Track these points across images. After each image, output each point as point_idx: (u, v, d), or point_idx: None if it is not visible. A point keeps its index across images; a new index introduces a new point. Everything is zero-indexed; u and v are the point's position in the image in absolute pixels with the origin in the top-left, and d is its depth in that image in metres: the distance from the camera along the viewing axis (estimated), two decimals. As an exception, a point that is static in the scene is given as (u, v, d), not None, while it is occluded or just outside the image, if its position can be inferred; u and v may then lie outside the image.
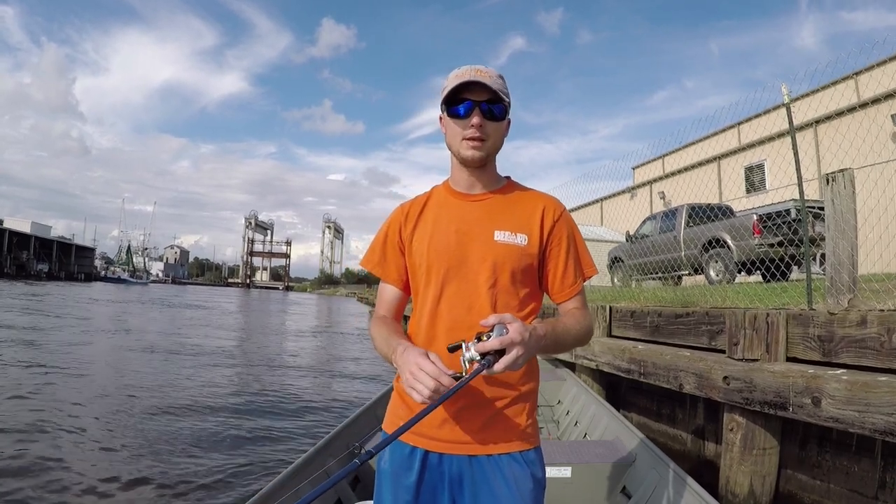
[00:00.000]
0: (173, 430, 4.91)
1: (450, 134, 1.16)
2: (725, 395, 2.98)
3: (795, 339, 2.88)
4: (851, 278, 2.92)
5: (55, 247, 73.45)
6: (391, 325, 1.20)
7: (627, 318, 4.69)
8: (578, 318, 1.18)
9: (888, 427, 2.11)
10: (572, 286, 1.20)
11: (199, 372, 8.04)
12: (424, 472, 1.12)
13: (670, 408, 4.08)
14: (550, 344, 1.06)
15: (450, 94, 1.11)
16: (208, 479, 3.79)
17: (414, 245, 1.21)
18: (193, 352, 10.11)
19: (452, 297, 1.14)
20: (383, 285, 1.26)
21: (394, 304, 1.26)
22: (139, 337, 11.96)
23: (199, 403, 6.01)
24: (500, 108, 1.12)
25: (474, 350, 0.93)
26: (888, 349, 2.38)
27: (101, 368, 7.75)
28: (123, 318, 16.98)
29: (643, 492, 2.36)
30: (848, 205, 3.02)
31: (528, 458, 1.14)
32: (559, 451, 2.67)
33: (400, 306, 1.27)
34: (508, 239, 1.15)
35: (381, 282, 1.27)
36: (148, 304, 25.87)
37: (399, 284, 1.24)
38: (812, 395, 2.45)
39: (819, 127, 13.13)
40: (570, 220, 1.22)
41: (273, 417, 5.71)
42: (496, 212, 1.18)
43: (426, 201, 1.25)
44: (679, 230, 8.59)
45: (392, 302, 1.26)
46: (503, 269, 1.14)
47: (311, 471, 2.31)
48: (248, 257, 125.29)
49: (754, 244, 7.00)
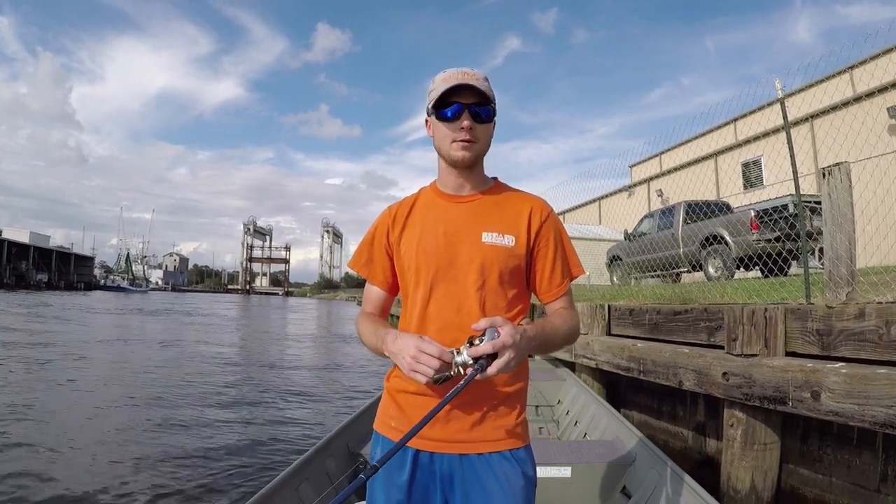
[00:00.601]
0: (173, 431, 4.91)
1: (438, 136, 1.16)
2: (725, 391, 2.97)
3: (794, 333, 2.87)
4: (849, 272, 2.91)
5: (54, 256, 73.42)
6: (378, 319, 1.23)
7: (626, 316, 4.68)
8: (566, 318, 1.19)
9: (888, 419, 2.10)
10: (560, 286, 1.21)
11: (197, 375, 8.03)
12: (416, 471, 1.12)
13: (670, 405, 4.07)
14: (540, 344, 1.08)
15: (438, 98, 1.12)
16: (208, 480, 3.79)
17: (402, 247, 1.21)
18: (192, 356, 10.10)
19: (441, 299, 1.15)
20: (369, 286, 1.28)
21: (379, 305, 1.28)
22: (138, 344, 11.94)
23: (198, 405, 6.01)
24: (487, 111, 1.13)
25: (466, 354, 0.93)
26: (887, 341, 2.38)
27: (99, 375, 7.73)
28: (122, 327, 16.96)
29: (643, 491, 2.35)
30: (845, 198, 3.02)
31: (518, 456, 1.14)
32: (559, 451, 2.66)
33: (386, 307, 1.29)
34: (496, 240, 1.15)
35: (367, 283, 1.29)
36: (147, 312, 25.86)
37: (384, 286, 1.26)
38: (811, 389, 2.44)
39: (815, 121, 13.15)
40: (557, 221, 1.23)
41: (272, 418, 5.71)
42: (484, 213, 1.19)
43: (413, 203, 1.26)
44: (677, 227, 8.60)
45: (377, 302, 1.28)
46: (491, 271, 1.14)
47: (310, 471, 2.31)
48: (248, 263, 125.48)
49: (752, 240, 7.01)
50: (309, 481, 2.23)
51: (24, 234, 70.13)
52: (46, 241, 76.73)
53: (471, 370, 0.92)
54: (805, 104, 10.41)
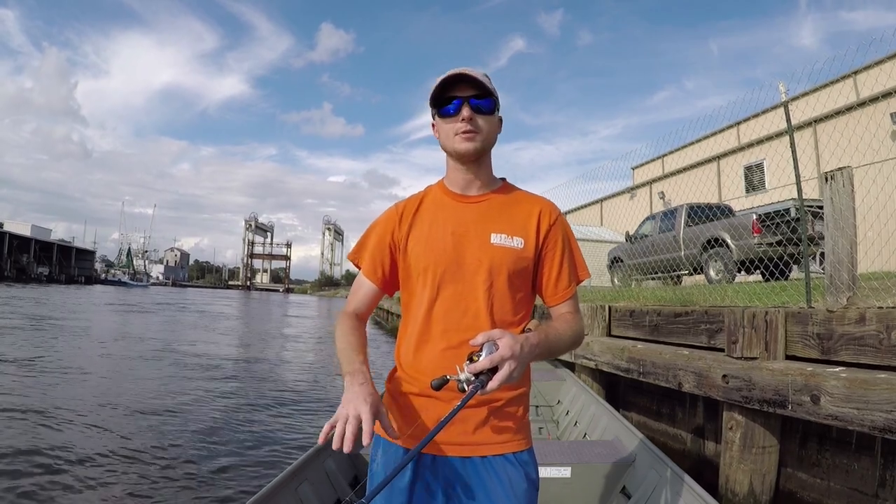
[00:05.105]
0: (171, 430, 4.91)
1: (443, 135, 1.16)
2: (725, 394, 2.97)
3: (794, 337, 2.88)
4: (851, 276, 2.92)
5: (55, 250, 73.45)
6: (359, 336, 1.17)
7: (627, 318, 4.69)
8: (571, 323, 1.18)
9: (887, 424, 2.11)
10: (566, 289, 1.20)
11: (196, 374, 8.04)
12: (418, 474, 1.12)
13: (670, 407, 4.07)
14: (544, 351, 1.06)
15: (438, 96, 1.12)
16: (207, 480, 3.79)
17: (409, 246, 1.19)
18: (192, 354, 10.11)
19: (448, 300, 1.14)
20: (362, 279, 1.24)
21: (367, 301, 1.24)
22: (137, 341, 11.96)
23: (197, 405, 6.01)
24: (488, 102, 1.13)
25: (467, 371, 0.92)
26: (887, 346, 2.38)
27: (98, 372, 7.74)
28: (123, 322, 16.98)
29: (643, 492, 2.36)
30: (847, 203, 3.02)
31: (521, 459, 1.14)
32: (559, 451, 2.66)
33: (372, 305, 1.25)
34: (505, 242, 1.15)
35: (359, 275, 1.25)
36: (148, 306, 25.87)
37: (379, 282, 1.23)
38: (811, 393, 2.45)
39: (818, 126, 13.13)
40: (565, 224, 1.23)
41: (272, 418, 5.70)
42: (492, 214, 1.18)
43: (421, 201, 1.24)
44: (679, 230, 8.59)
45: (366, 298, 1.24)
46: (499, 272, 1.13)
47: (310, 471, 2.31)
48: (249, 259, 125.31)
49: (754, 243, 7.00)
50: (309, 482, 2.24)
51: (25, 227, 70.18)
52: (48, 234, 76.73)
53: (471, 388, 0.91)
54: (809, 108, 10.40)
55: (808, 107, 10.36)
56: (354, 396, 0.97)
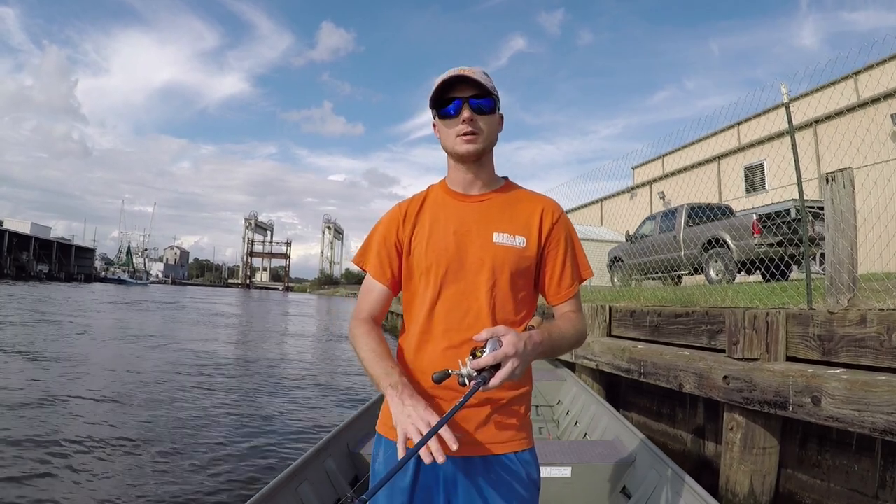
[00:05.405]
0: (170, 430, 4.91)
1: (444, 136, 1.16)
2: (725, 395, 2.98)
3: (795, 338, 2.88)
4: (851, 277, 2.91)
5: (55, 248, 73.39)
6: (382, 343, 1.14)
7: (627, 318, 4.69)
8: (574, 322, 1.17)
9: (888, 426, 2.11)
10: (569, 288, 1.20)
11: (196, 373, 8.04)
12: (419, 474, 1.11)
13: (670, 407, 4.07)
14: (547, 350, 1.06)
15: (438, 98, 1.12)
16: (207, 480, 3.79)
17: (413, 245, 1.19)
18: (191, 354, 10.11)
19: (450, 299, 1.14)
20: (372, 282, 1.22)
21: (380, 304, 1.22)
22: (136, 339, 11.95)
23: (197, 404, 6.01)
24: (488, 102, 1.12)
25: (470, 367, 0.92)
26: (888, 348, 2.38)
27: (97, 371, 7.74)
28: (123, 320, 16.97)
29: (643, 492, 2.36)
30: (847, 204, 3.02)
31: (523, 458, 1.14)
32: (559, 451, 2.67)
33: (385, 307, 1.23)
34: (507, 241, 1.14)
35: (367, 278, 1.24)
36: (147, 304, 25.86)
37: (389, 284, 1.21)
38: (812, 395, 2.45)
39: (819, 126, 13.12)
40: (568, 223, 1.23)
41: (271, 418, 5.70)
42: (494, 213, 1.18)
43: (423, 200, 1.24)
44: (679, 230, 8.59)
45: (378, 301, 1.22)
46: (502, 271, 1.13)
47: (310, 471, 2.31)
48: (248, 258, 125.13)
49: (754, 244, 7.00)
50: (309, 482, 2.24)
51: (25, 224, 70.16)
52: (48, 232, 76.75)
53: (473, 384, 0.90)
54: (810, 109, 10.39)
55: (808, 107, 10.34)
56: (413, 411, 0.96)
